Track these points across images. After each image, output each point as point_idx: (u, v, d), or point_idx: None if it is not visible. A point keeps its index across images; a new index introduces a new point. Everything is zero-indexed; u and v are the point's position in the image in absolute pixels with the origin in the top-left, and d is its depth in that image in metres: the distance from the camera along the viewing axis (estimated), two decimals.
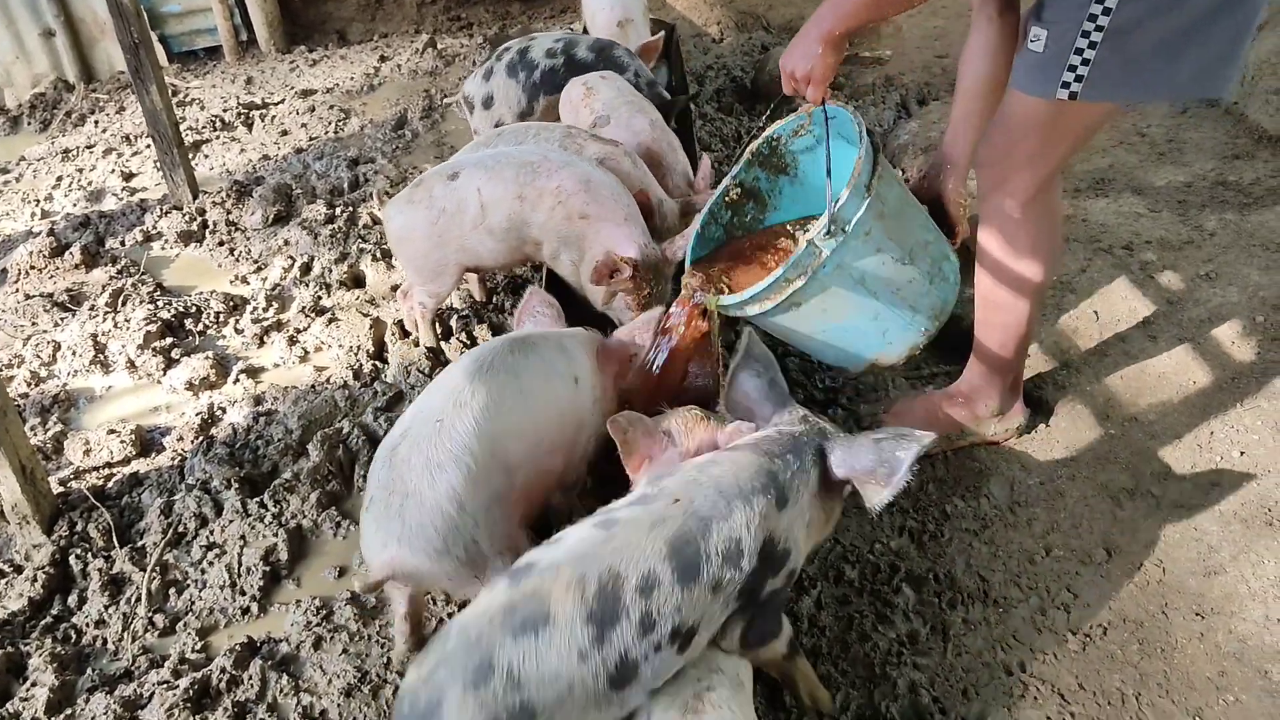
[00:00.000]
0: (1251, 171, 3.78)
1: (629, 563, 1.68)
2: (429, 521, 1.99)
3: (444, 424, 2.05)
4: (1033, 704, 2.17)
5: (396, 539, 1.99)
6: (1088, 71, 2.10)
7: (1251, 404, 2.72)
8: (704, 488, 1.80)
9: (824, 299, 2.46)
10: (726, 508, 1.77)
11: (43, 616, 2.58)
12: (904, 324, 2.57)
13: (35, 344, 3.64)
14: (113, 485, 2.98)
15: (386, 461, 2.07)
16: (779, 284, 2.39)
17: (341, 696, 2.29)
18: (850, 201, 2.32)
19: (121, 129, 5.56)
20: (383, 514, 2.02)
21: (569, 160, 3.01)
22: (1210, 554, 2.42)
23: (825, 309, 2.49)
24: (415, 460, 2.02)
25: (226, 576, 2.62)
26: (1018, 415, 2.82)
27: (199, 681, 2.33)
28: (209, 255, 4.20)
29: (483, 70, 4.10)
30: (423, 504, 2.00)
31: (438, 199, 3.01)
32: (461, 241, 3.04)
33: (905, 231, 2.47)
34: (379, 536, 2.02)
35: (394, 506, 2.01)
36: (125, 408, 3.36)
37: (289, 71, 6.29)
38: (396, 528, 2.00)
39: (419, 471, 2.01)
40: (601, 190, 2.95)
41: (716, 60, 5.51)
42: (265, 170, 4.87)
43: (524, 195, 2.94)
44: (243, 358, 3.54)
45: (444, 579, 2.08)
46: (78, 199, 4.76)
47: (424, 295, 3.22)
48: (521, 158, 3.01)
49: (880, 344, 2.62)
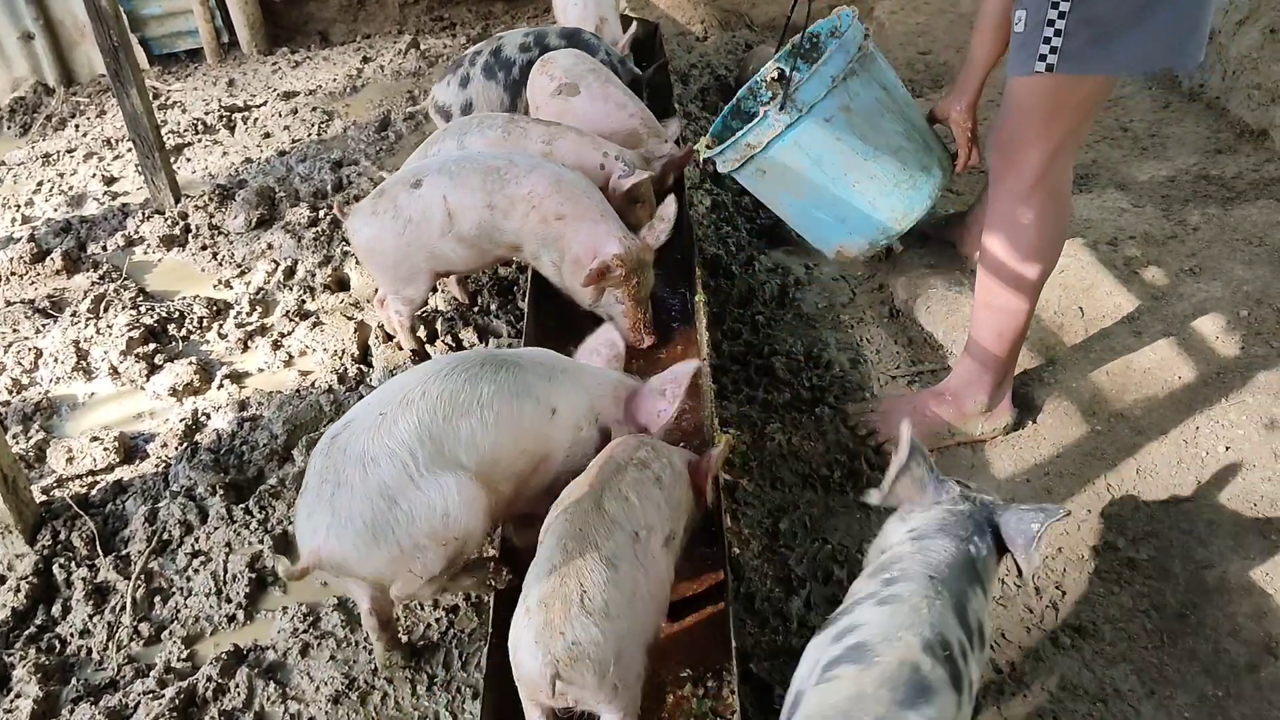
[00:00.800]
0: (1234, 166, 3.80)
1: (948, 628, 1.64)
2: (358, 513, 1.95)
3: (386, 418, 2.00)
4: (1023, 702, 2.17)
5: (325, 528, 1.96)
6: (1060, 43, 2.21)
7: (1236, 399, 2.73)
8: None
9: (785, 172, 2.82)
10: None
11: (26, 626, 2.56)
12: (862, 217, 2.89)
13: (16, 351, 3.60)
14: (96, 493, 2.96)
15: (325, 449, 2.03)
16: (740, 144, 2.79)
17: (329, 703, 2.28)
18: (811, 85, 2.65)
19: (102, 133, 5.52)
20: (314, 502, 1.99)
21: (535, 163, 2.99)
22: (1198, 549, 2.42)
23: (786, 182, 2.86)
24: (352, 450, 1.99)
25: (212, 584, 2.60)
26: (1005, 413, 2.82)
27: (185, 690, 2.31)
28: (192, 260, 4.17)
29: (457, 77, 4.07)
30: (353, 495, 1.96)
31: (403, 208, 2.97)
32: (430, 249, 3.01)
33: (875, 131, 2.76)
34: (309, 524, 1.99)
35: (325, 495, 1.98)
36: (108, 415, 3.33)
37: (271, 73, 6.25)
38: (326, 517, 1.97)
39: (353, 462, 1.98)
40: (574, 189, 2.96)
41: (700, 59, 5.50)
42: (248, 173, 4.84)
43: (493, 203, 2.92)
44: (227, 363, 3.52)
45: (372, 572, 2.03)
46: (58, 204, 4.73)
47: (398, 303, 3.18)
48: (487, 163, 2.97)
49: (842, 231, 2.96)
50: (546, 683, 1.73)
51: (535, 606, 1.79)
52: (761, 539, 2.59)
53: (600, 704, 1.81)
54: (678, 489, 2.10)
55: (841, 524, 2.64)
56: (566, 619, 1.75)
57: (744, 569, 2.49)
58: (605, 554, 1.84)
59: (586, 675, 1.74)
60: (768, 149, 2.76)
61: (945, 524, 1.87)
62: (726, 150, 2.83)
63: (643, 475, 2.02)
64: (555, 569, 1.82)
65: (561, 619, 1.75)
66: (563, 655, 1.73)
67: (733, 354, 3.23)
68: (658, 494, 2.01)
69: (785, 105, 2.67)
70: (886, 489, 1.97)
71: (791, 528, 2.62)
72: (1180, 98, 4.40)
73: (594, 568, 1.81)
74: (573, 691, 1.78)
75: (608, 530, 1.88)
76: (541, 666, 1.73)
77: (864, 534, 2.60)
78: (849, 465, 2.81)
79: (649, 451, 2.09)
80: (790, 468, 2.80)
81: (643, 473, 2.02)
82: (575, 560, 1.82)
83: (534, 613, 1.79)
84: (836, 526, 2.63)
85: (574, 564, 1.82)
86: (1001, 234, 2.56)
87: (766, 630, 2.35)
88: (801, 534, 2.60)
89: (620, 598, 1.81)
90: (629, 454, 2.06)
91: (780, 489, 2.74)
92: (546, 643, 1.75)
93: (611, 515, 1.91)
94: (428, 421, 2.01)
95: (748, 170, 2.87)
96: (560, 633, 1.74)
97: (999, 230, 2.57)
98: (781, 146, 2.74)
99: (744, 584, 2.46)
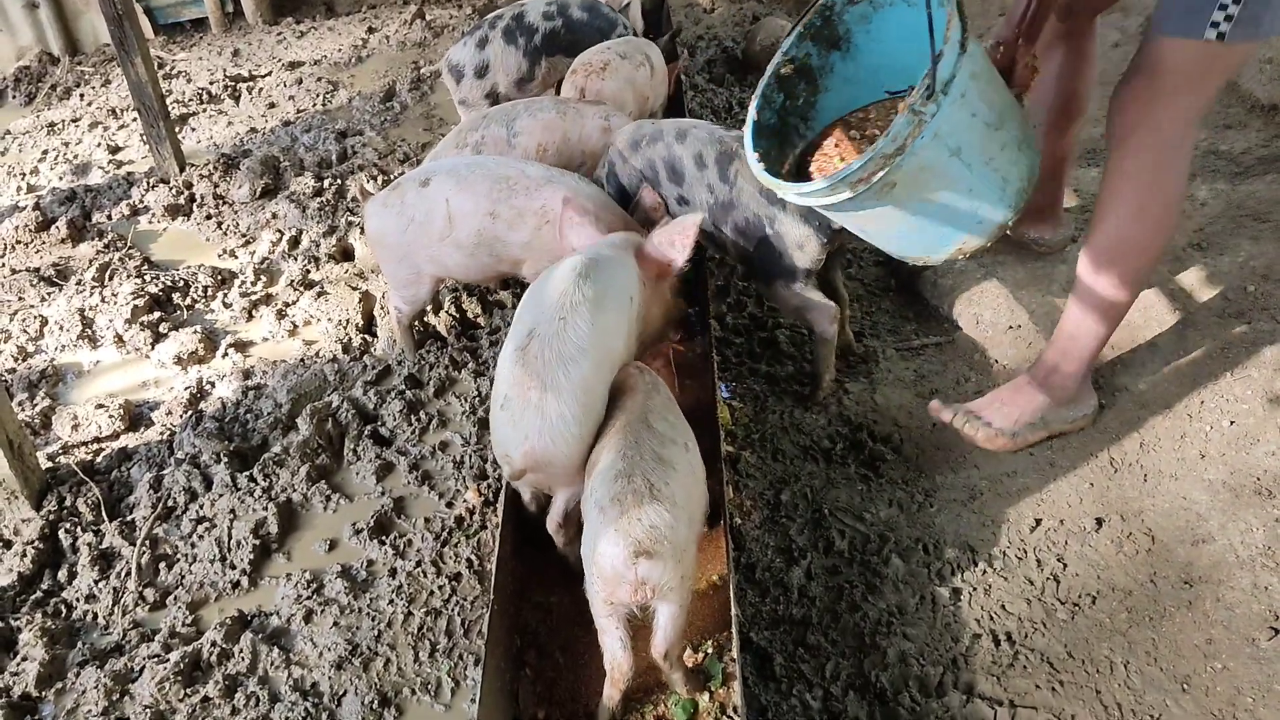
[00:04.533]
0: (1243, 141, 3.76)
1: None
2: (569, 412, 2.12)
3: (566, 321, 2.18)
4: (1022, 673, 2.18)
5: (538, 430, 2.12)
6: (1238, 11, 2.11)
7: (1241, 373, 2.72)
8: None
9: (919, 175, 2.24)
10: None
11: (32, 591, 2.58)
12: (995, 197, 2.35)
13: (22, 319, 3.61)
14: (101, 460, 2.97)
15: (517, 359, 2.17)
16: (875, 160, 2.16)
17: (332, 669, 2.29)
18: (946, 59, 2.11)
19: (107, 102, 5.51)
20: (520, 409, 2.13)
21: (550, 175, 2.89)
22: (1199, 523, 2.42)
23: (919, 186, 2.27)
24: (548, 354, 2.14)
25: (217, 550, 2.62)
26: (1092, 398, 2.73)
27: (190, 655, 2.33)
28: (196, 229, 4.17)
29: (475, 38, 4.03)
30: (560, 396, 2.11)
31: (409, 206, 2.90)
32: (429, 252, 2.93)
33: (997, 90, 2.30)
34: (517, 430, 2.14)
35: (532, 401, 2.12)
36: (113, 382, 3.34)
37: (276, 43, 6.22)
38: (536, 420, 2.12)
39: (551, 365, 2.13)
40: (592, 204, 2.81)
41: (707, 30, 5.47)
42: (252, 143, 4.83)
43: (497, 212, 2.83)
44: (231, 332, 3.52)
45: (574, 470, 2.18)
46: (63, 173, 4.72)
47: (399, 300, 3.12)
48: (497, 170, 2.88)
49: (970, 224, 2.40)
50: (630, 567, 1.86)
51: (609, 503, 1.93)
52: (763, 510, 2.60)
53: (670, 591, 1.92)
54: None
55: (843, 495, 2.64)
56: (640, 506, 1.89)
57: (745, 539, 2.50)
58: (664, 456, 2.01)
59: (665, 555, 1.87)
60: (907, 155, 2.16)
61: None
62: (850, 175, 2.19)
63: (668, 400, 2.23)
64: (620, 473, 1.96)
65: (636, 507, 1.89)
66: (643, 536, 1.86)
67: (736, 327, 3.23)
68: (681, 416, 2.22)
69: (932, 93, 2.10)
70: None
71: (793, 499, 2.62)
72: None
73: (655, 467, 1.98)
74: (653, 576, 1.88)
75: (660, 441, 2.05)
76: (625, 552, 1.86)
77: (864, 505, 2.61)
78: (851, 438, 2.81)
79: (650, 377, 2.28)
80: (792, 440, 2.81)
81: (665, 395, 2.24)
82: (638, 463, 1.98)
83: (608, 508, 1.92)
84: (838, 497, 2.64)
85: (638, 465, 1.97)
86: (1122, 205, 2.43)
87: (767, 600, 2.36)
88: (803, 505, 2.61)
89: (681, 492, 1.98)
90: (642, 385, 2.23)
91: (782, 461, 2.75)
92: (626, 529, 1.88)
93: (660, 431, 2.08)
94: (595, 316, 2.21)
95: (868, 192, 2.22)
96: (637, 519, 1.88)
97: (1119, 201, 2.44)
98: (920, 146, 2.15)
99: (745, 554, 2.47)
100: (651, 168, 2.91)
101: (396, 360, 3.24)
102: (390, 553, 2.58)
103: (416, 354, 3.24)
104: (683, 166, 2.85)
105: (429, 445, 2.92)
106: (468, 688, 2.24)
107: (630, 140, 3.02)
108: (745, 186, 2.74)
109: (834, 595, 2.38)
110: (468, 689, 2.23)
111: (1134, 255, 2.50)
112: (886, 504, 2.62)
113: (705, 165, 2.81)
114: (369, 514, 2.69)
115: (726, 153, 2.79)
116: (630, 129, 3.06)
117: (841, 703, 2.14)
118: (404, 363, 3.22)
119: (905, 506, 2.61)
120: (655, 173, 2.91)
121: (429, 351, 3.24)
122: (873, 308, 3.36)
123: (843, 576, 2.43)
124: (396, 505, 2.74)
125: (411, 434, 2.96)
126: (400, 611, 2.42)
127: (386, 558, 2.57)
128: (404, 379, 3.14)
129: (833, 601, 2.36)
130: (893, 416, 2.89)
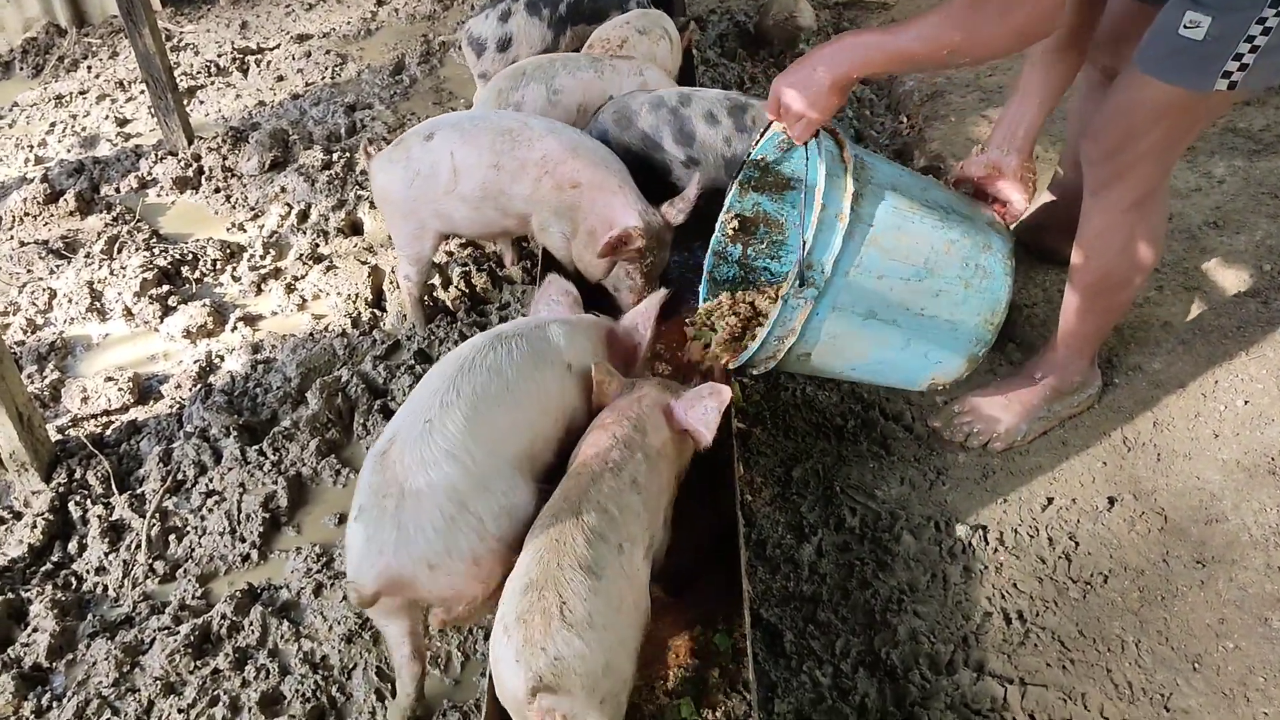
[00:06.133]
0: (1261, 118, 3.72)
1: None
2: (427, 522, 1.81)
3: (433, 423, 1.88)
4: (1033, 651, 2.17)
5: (393, 544, 1.80)
6: (1254, 60, 1.98)
7: (1257, 353, 2.70)
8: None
9: (833, 344, 2.25)
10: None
11: (43, 563, 2.58)
12: (945, 341, 2.31)
13: (31, 291, 3.60)
14: (111, 433, 2.97)
15: (375, 467, 1.88)
16: (769, 345, 2.22)
17: (342, 642, 2.30)
18: (820, 241, 2.10)
19: (115, 74, 5.48)
20: (376, 520, 1.82)
21: (552, 127, 2.85)
22: (1212, 502, 2.41)
23: (840, 351, 2.28)
24: (408, 460, 1.84)
25: (226, 524, 2.62)
26: (1096, 379, 2.72)
27: (200, 627, 2.34)
28: (205, 202, 4.15)
29: (497, 11, 3.96)
30: (420, 504, 1.81)
31: (414, 159, 2.87)
32: (435, 206, 2.91)
33: (914, 241, 2.20)
34: (372, 544, 1.81)
35: (388, 510, 1.81)
36: (123, 355, 3.33)
37: (285, 16, 6.18)
38: (392, 533, 1.80)
39: (412, 471, 1.83)
40: (593, 156, 2.81)
41: (720, 4, 5.41)
42: (261, 116, 4.80)
43: (501, 164, 2.80)
44: (240, 305, 3.51)
45: (441, 588, 1.86)
46: (71, 145, 4.70)
47: (407, 266, 3.09)
48: (500, 123, 2.85)
49: (928, 365, 2.36)
50: (531, 702, 1.60)
51: (514, 623, 1.65)
52: (773, 487, 2.59)
53: (587, 714, 1.64)
54: (656, 476, 1.99)
55: (854, 472, 2.63)
56: (547, 633, 1.62)
57: (756, 516, 2.50)
58: (587, 564, 1.71)
59: (575, 690, 1.61)
60: (804, 334, 2.21)
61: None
62: (753, 356, 2.27)
63: (619, 483, 1.88)
64: (533, 583, 1.69)
65: (542, 634, 1.62)
66: (545, 671, 1.59)
67: None
68: (636, 500, 1.89)
69: (804, 278, 2.13)
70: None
71: (804, 476, 2.61)
72: None
73: (573, 578, 1.68)
74: (561, 707, 1.62)
75: (587, 541, 1.74)
76: (524, 685, 1.59)
77: (876, 482, 2.60)
78: (863, 415, 2.80)
79: (621, 452, 1.94)
80: (804, 417, 2.80)
81: (618, 479, 1.88)
82: (554, 572, 1.69)
83: (512, 630, 1.65)
84: (849, 475, 2.62)
85: (552, 576, 1.68)
86: (1104, 245, 2.39)
87: (778, 577, 2.36)
88: (814, 482, 2.60)
89: (605, 607, 1.69)
90: (602, 459, 1.92)
91: (793, 438, 2.74)
92: (528, 660, 1.61)
93: (591, 526, 1.77)
94: (472, 417, 1.90)
95: (791, 361, 2.30)
96: (541, 648, 1.61)
97: (1102, 242, 2.39)
98: (820, 322, 2.19)
99: (756, 531, 2.46)
100: (656, 131, 2.89)
101: (406, 335, 3.23)
102: None
103: (426, 328, 3.22)
104: (692, 126, 2.83)
105: None
106: (477, 661, 2.24)
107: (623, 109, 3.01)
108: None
109: (845, 572, 2.37)
110: (477, 663, 2.24)
111: (1120, 287, 2.49)
112: (898, 482, 2.61)
113: (718, 121, 2.80)
114: None
115: (738, 105, 2.81)
116: (624, 99, 3.05)
117: (851, 680, 2.14)
118: (413, 337, 3.20)
119: (917, 484, 2.60)
120: (660, 136, 2.89)
121: (438, 326, 3.23)
122: None
123: (853, 554, 2.42)
124: None
125: None
126: None
127: None
128: (413, 354, 3.13)
129: (843, 579, 2.36)
130: (905, 394, 2.88)
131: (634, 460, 1.93)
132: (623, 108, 3.01)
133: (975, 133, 3.92)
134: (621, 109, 3.00)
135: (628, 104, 3.00)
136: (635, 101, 3.00)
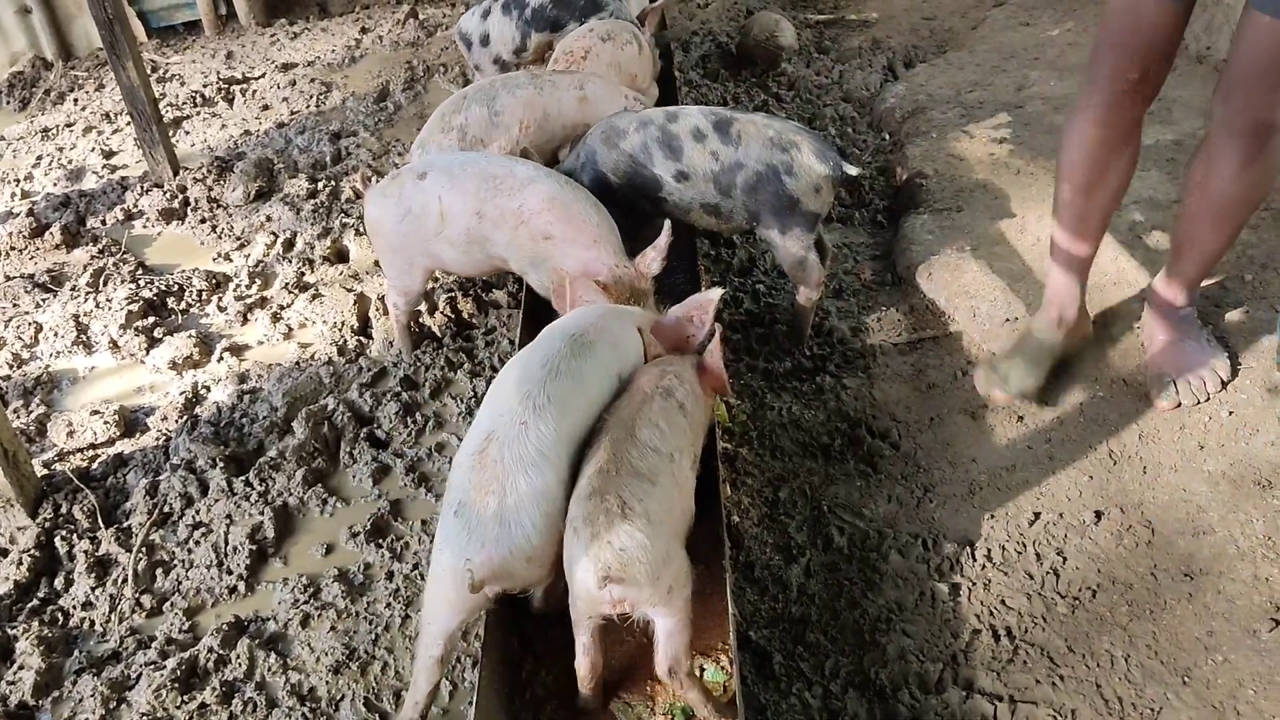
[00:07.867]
0: None
1: None
2: (527, 519, 1.93)
3: (529, 425, 1.99)
4: (1022, 668, 2.17)
5: (495, 538, 1.91)
6: None
7: (1241, 363, 2.71)
8: None
9: None
10: None
11: (29, 599, 2.57)
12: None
13: (16, 325, 3.60)
14: (97, 466, 2.96)
15: (473, 465, 1.98)
16: None
17: (330, 674, 2.28)
18: None
19: (101, 106, 5.49)
20: (476, 515, 1.93)
21: (535, 175, 2.83)
22: (1199, 514, 2.41)
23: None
24: (508, 459, 1.95)
25: (213, 556, 2.61)
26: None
27: (187, 661, 2.32)
28: (191, 233, 4.16)
29: (480, 8, 4.21)
30: (521, 502, 1.93)
31: (406, 197, 2.88)
32: (424, 246, 2.92)
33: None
34: (473, 538, 1.92)
35: (489, 507, 1.92)
36: (108, 388, 3.33)
37: (269, 45, 6.21)
38: (494, 528, 1.91)
39: (513, 469, 1.94)
40: (570, 208, 2.77)
41: (701, 25, 5.45)
42: (246, 145, 4.81)
43: (483, 212, 2.81)
44: (226, 336, 3.51)
45: (535, 579, 2.02)
46: (58, 178, 4.71)
47: (395, 295, 3.10)
48: (487, 168, 2.85)
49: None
50: (601, 590, 1.82)
51: (581, 524, 1.86)
52: (761, 507, 2.59)
53: (657, 607, 1.88)
54: (699, 411, 2.21)
55: (841, 491, 2.63)
56: (611, 528, 1.82)
57: (743, 537, 2.49)
58: (642, 471, 1.93)
59: (641, 577, 1.81)
60: None
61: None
62: None
63: (668, 404, 2.11)
64: (595, 491, 1.88)
65: (606, 530, 1.82)
66: (612, 560, 1.80)
67: (734, 323, 3.22)
68: (683, 420, 2.11)
69: None
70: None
71: (791, 496, 2.61)
72: (1187, 61, 4.34)
73: (630, 483, 1.89)
74: (629, 596, 1.85)
75: (640, 453, 1.96)
76: (595, 577, 1.80)
77: (863, 501, 2.60)
78: (850, 433, 2.80)
79: (673, 379, 2.18)
80: (790, 436, 2.80)
81: (668, 401, 2.11)
82: (613, 479, 1.89)
83: (580, 530, 1.85)
84: (837, 494, 2.62)
85: (612, 482, 1.88)
86: (1239, 175, 2.41)
87: (766, 598, 2.35)
88: (801, 502, 2.60)
89: (659, 508, 1.90)
90: (654, 383, 2.15)
91: (780, 458, 2.73)
92: (596, 554, 1.81)
93: (644, 439, 1.99)
94: (560, 420, 2.03)
95: None
96: (608, 542, 1.81)
97: (1236, 172, 2.41)
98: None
99: (743, 552, 2.46)
100: (644, 150, 2.92)
101: (392, 362, 3.23)
102: (387, 555, 2.57)
103: (413, 354, 3.22)
104: (680, 142, 2.86)
105: (425, 447, 2.91)
106: (465, 690, 2.23)
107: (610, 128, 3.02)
108: (752, 141, 2.79)
109: (833, 592, 2.37)
110: (465, 692, 2.22)
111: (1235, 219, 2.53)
112: (885, 500, 2.60)
113: (704, 135, 2.84)
114: (366, 517, 2.68)
115: (722, 119, 2.86)
116: (612, 119, 3.07)
117: (841, 700, 2.13)
118: (399, 364, 3.20)
119: (904, 502, 2.59)
120: (649, 155, 2.91)
121: (424, 352, 3.23)
122: (869, 302, 3.35)
123: (842, 573, 2.41)
124: (393, 508, 2.73)
125: (408, 436, 2.95)
126: (398, 615, 2.41)
127: (383, 561, 2.56)
128: (400, 380, 3.13)
129: (832, 599, 2.35)
130: (891, 411, 2.88)
131: (681, 389, 2.17)
132: (610, 127, 3.02)
133: (957, 148, 3.94)
134: (609, 129, 3.02)
135: (615, 124, 3.02)
136: (623, 121, 3.02)
